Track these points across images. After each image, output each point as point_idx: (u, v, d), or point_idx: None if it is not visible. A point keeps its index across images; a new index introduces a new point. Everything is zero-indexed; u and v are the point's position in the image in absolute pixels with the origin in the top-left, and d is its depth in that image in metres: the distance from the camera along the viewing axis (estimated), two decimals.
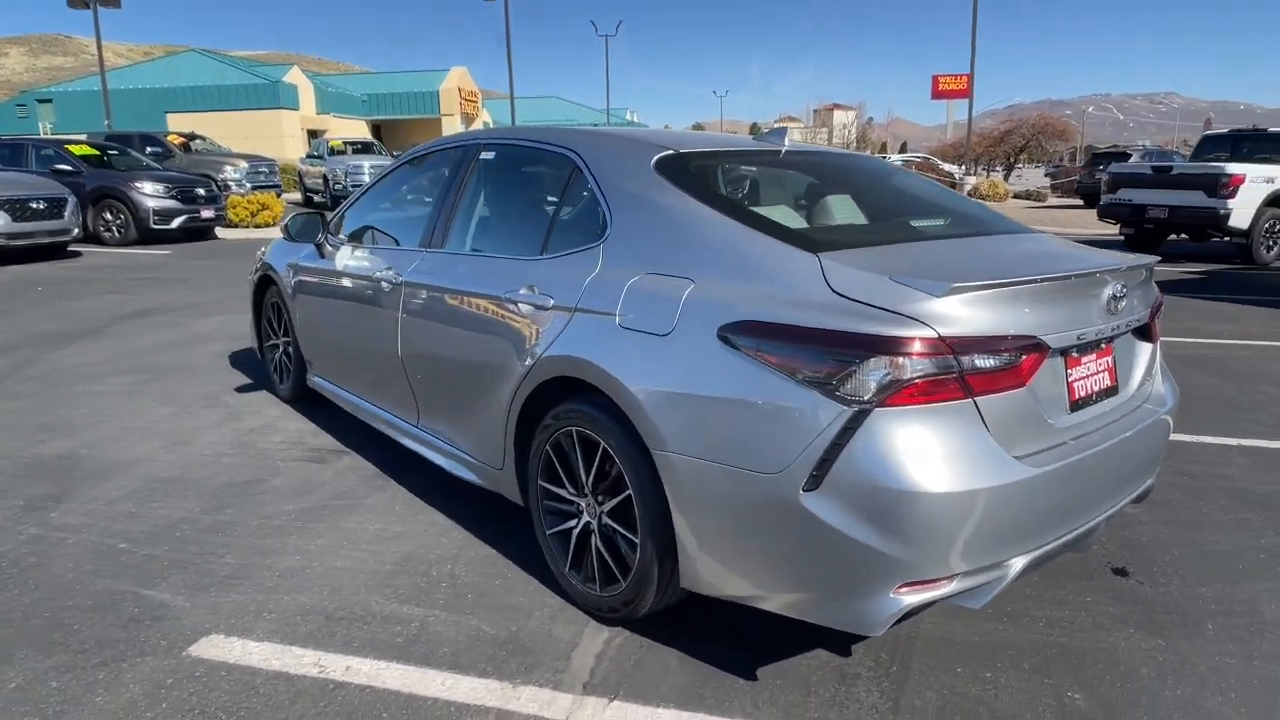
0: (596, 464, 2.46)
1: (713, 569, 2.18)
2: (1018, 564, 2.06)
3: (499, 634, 2.49)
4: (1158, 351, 2.63)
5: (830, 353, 1.91)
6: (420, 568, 2.89)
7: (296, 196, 24.13)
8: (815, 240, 2.21)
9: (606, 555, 2.48)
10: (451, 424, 3.19)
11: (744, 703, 2.18)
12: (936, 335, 1.87)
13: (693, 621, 2.53)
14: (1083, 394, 2.23)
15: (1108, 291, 2.22)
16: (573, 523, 2.62)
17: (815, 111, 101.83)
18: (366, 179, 21.70)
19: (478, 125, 47.10)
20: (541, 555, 2.84)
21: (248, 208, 15.58)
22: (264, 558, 2.94)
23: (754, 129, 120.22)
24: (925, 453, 1.87)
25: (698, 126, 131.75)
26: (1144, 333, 2.55)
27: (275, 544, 3.05)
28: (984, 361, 1.93)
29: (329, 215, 4.10)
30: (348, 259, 3.83)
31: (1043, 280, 2.04)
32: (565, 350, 2.47)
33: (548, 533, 2.72)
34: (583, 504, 2.58)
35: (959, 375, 1.90)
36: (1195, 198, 10.89)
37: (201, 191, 14.09)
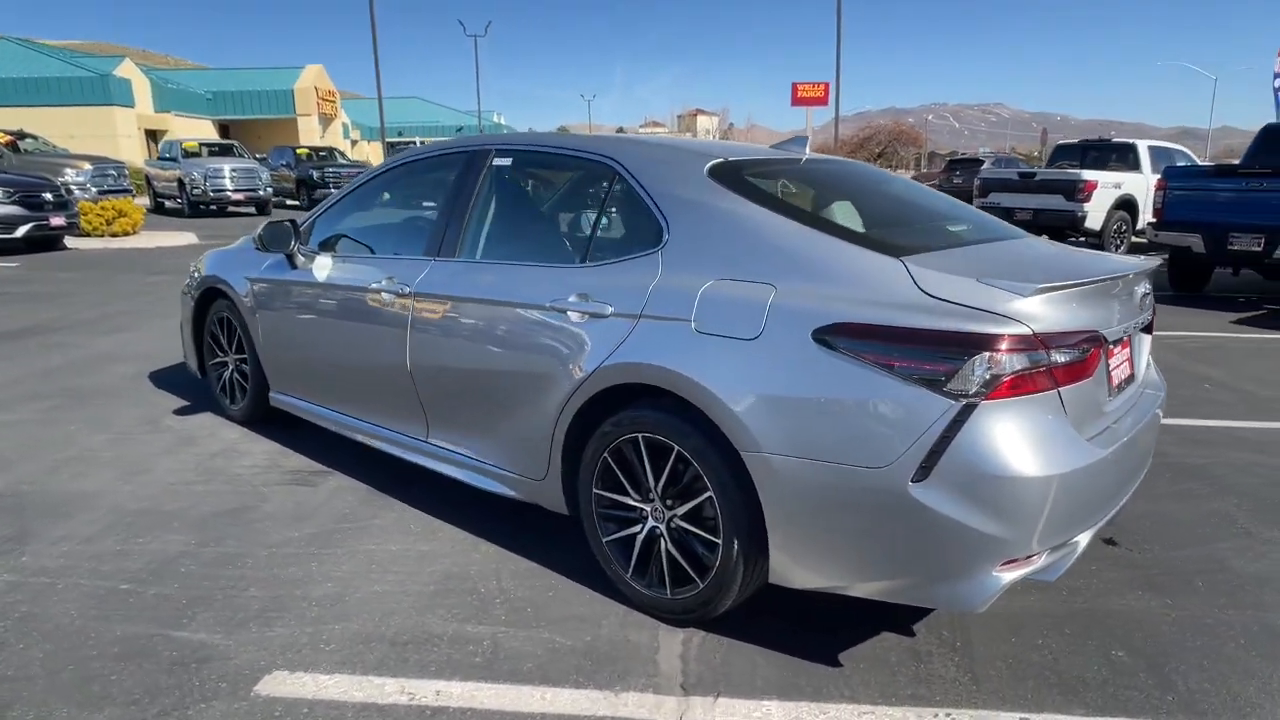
0: (668, 468, 2.50)
1: (808, 562, 2.26)
2: (1084, 539, 2.27)
3: (575, 645, 2.48)
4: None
5: (936, 351, 2.05)
6: (464, 585, 2.82)
7: (144, 201, 22.35)
8: (891, 245, 2.34)
9: (679, 558, 2.52)
10: (474, 437, 3.12)
11: (839, 687, 2.28)
12: (1031, 332, 2.05)
13: (757, 617, 2.60)
14: (1117, 382, 2.48)
15: (1140, 289, 2.48)
16: (636, 529, 2.64)
17: (679, 116, 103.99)
18: (228, 184, 20.45)
19: (336, 127, 45.13)
20: (587, 564, 2.86)
21: (102, 215, 14.29)
22: (293, 588, 2.78)
23: (619, 131, 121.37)
24: (1024, 440, 2.04)
25: (562, 129, 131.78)
26: (1147, 327, 2.84)
27: (298, 573, 2.89)
28: (1064, 355, 2.12)
29: (300, 223, 3.88)
30: (330, 270, 3.66)
31: (1103, 281, 2.26)
32: (633, 357, 2.49)
33: (605, 540, 2.72)
34: (648, 509, 2.60)
35: (1048, 368, 2.08)
36: (1056, 201, 12.02)
37: (49, 197, 12.80)
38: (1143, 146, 12.90)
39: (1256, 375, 5.74)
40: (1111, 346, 2.44)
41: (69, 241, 13.62)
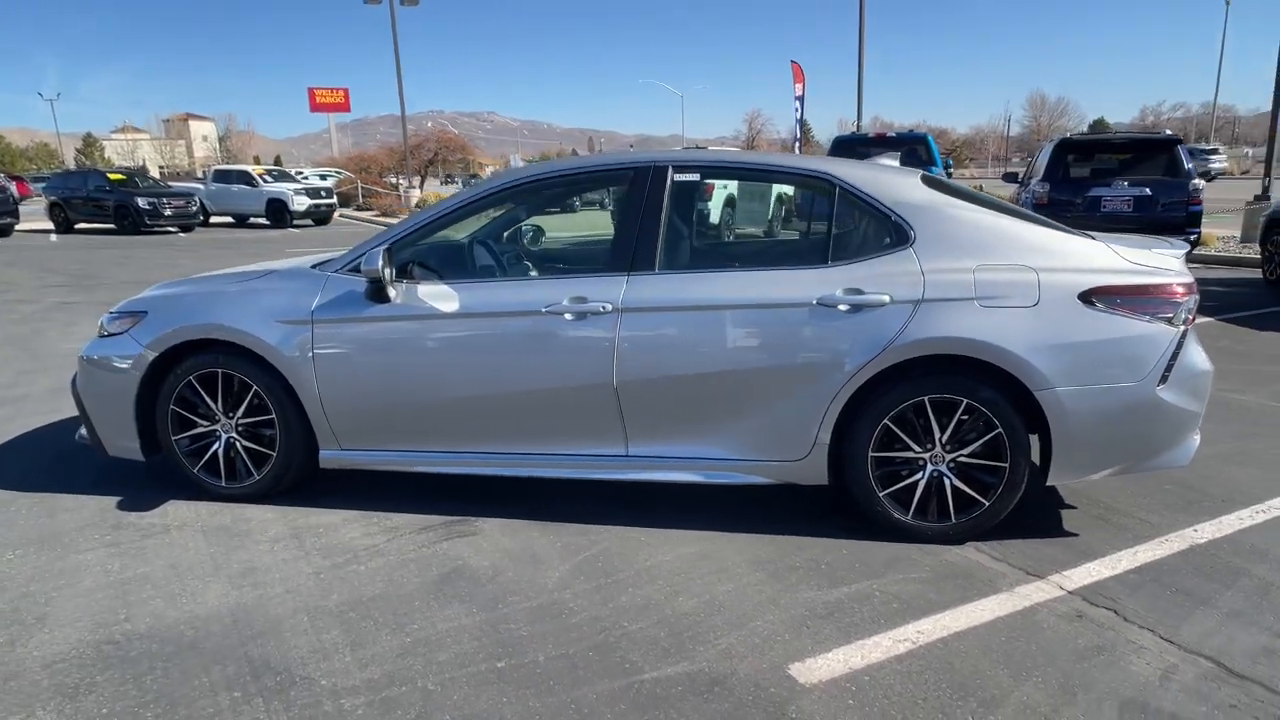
0: (955, 419, 3.14)
1: (1077, 462, 3.14)
2: None
3: (928, 575, 3.00)
4: None
5: (1163, 299, 3.08)
6: (779, 565, 3.09)
7: None
8: (1077, 231, 3.30)
9: (965, 488, 3.19)
10: (702, 438, 3.31)
11: (1099, 545, 3.22)
12: (1194, 280, 3.19)
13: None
14: None
15: None
16: (916, 476, 3.22)
17: (166, 121, 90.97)
18: None
19: None
20: (836, 522, 3.38)
21: None
22: (661, 609, 2.77)
23: (89, 139, 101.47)
24: (1200, 349, 3.20)
25: None
26: None
27: (637, 599, 2.85)
28: None
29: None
30: (459, 299, 3.36)
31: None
32: (929, 333, 3.05)
33: (882, 495, 3.24)
34: (927, 457, 3.21)
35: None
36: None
37: None
38: (735, 152, 15.93)
39: None
40: None
41: None
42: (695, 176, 3.45)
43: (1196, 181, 9.07)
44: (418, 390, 3.44)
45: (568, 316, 3.29)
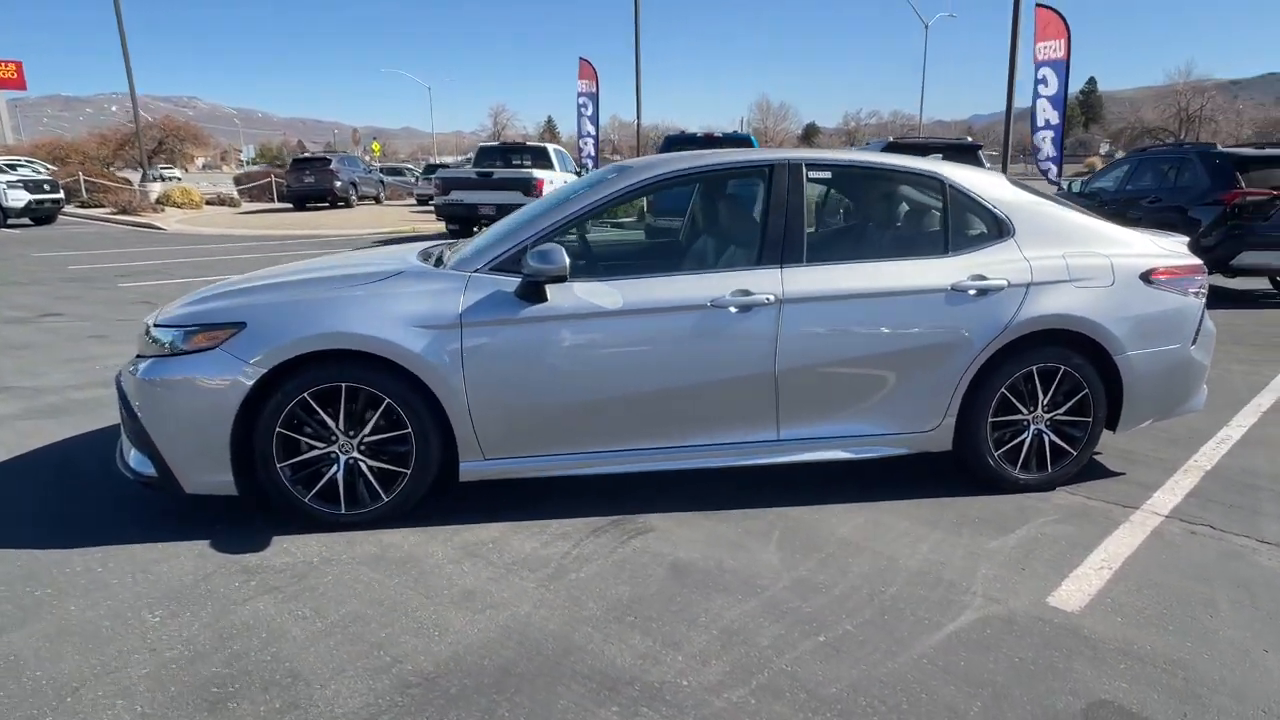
0: (1054, 384, 3.71)
1: (1142, 413, 3.85)
2: None
3: (1061, 517, 3.54)
4: None
5: (1192, 277, 3.86)
6: (949, 525, 3.44)
7: None
8: (1117, 225, 4.00)
9: (1060, 442, 3.77)
10: (848, 417, 3.59)
11: (1147, 478, 3.95)
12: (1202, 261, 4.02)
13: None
14: None
15: None
16: (1023, 435, 3.75)
17: None
18: None
19: None
20: (943, 480, 3.82)
21: None
22: (893, 573, 3.01)
23: None
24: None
25: None
26: None
27: (863, 568, 3.06)
28: None
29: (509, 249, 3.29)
30: (621, 295, 3.33)
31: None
32: (1039, 312, 3.58)
33: (996, 454, 3.73)
34: (1029, 418, 3.74)
35: None
36: (515, 197, 14.09)
37: None
38: (551, 149, 16.00)
39: None
40: None
41: None
42: (827, 174, 3.70)
43: None
44: (581, 391, 3.35)
45: (733, 309, 3.40)
